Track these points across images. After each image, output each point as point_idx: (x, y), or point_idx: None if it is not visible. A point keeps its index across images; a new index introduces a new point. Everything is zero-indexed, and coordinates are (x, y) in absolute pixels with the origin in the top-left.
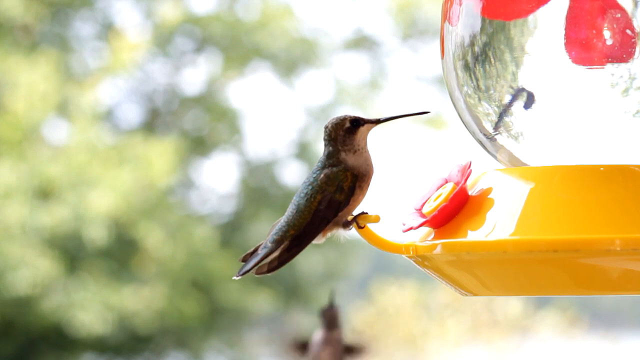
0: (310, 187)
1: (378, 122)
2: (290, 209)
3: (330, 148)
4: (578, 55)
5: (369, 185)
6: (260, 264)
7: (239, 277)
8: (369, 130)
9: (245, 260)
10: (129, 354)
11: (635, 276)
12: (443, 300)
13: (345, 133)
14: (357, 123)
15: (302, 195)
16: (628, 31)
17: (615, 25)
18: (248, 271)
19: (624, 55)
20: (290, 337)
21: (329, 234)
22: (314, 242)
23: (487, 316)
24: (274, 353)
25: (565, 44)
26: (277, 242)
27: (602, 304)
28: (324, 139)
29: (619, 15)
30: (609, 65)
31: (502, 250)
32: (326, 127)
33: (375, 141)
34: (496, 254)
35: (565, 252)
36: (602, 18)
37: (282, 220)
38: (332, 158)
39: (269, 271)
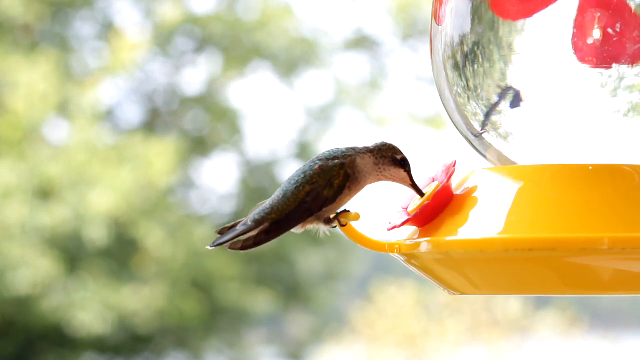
0: (302, 176)
1: (416, 189)
2: (277, 193)
3: (367, 149)
4: (581, 53)
5: (357, 191)
6: (235, 240)
7: (212, 248)
8: (399, 179)
9: (222, 233)
10: (128, 354)
11: (624, 276)
12: (443, 300)
13: (389, 157)
14: (404, 164)
15: (292, 182)
16: (610, 30)
17: (604, 25)
18: (222, 244)
19: (615, 56)
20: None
21: (309, 226)
22: (293, 231)
23: (486, 316)
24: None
25: (559, 43)
26: (257, 222)
27: (602, 304)
28: (373, 144)
29: (612, 15)
30: (598, 65)
31: (479, 249)
32: (385, 142)
33: (374, 140)
34: (474, 252)
35: (540, 250)
36: (602, 18)
37: (267, 203)
38: (350, 156)
39: (242, 249)
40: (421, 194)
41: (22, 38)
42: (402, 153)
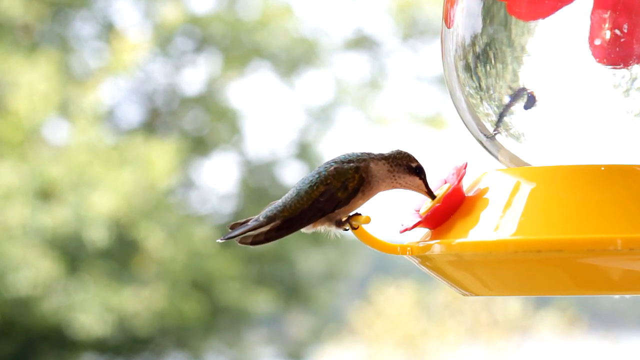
0: (316, 176)
1: (430, 194)
2: (290, 192)
3: (382, 156)
4: (599, 53)
5: (370, 196)
6: (245, 234)
7: (222, 241)
8: (414, 187)
9: (234, 228)
10: (128, 355)
11: (634, 276)
12: (442, 301)
13: (404, 165)
14: (419, 172)
15: (306, 182)
16: (623, 31)
17: (618, 26)
18: (233, 237)
19: (628, 56)
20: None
21: (319, 227)
22: (303, 230)
23: (486, 316)
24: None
25: (572, 44)
26: (269, 219)
27: (602, 304)
28: (389, 151)
29: (626, 15)
30: (611, 66)
31: (490, 251)
32: (401, 150)
33: (375, 141)
34: (485, 254)
35: (549, 252)
36: (607, 19)
37: (279, 201)
38: (364, 161)
39: (252, 243)
40: (430, 194)
41: (22, 38)
42: (417, 161)
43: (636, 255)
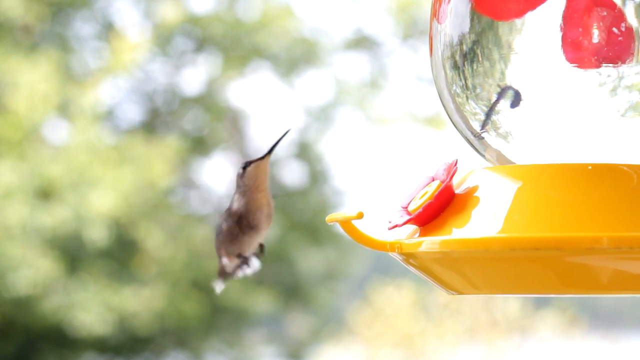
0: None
1: (262, 158)
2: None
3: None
4: (571, 54)
5: (257, 222)
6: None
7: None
8: (256, 168)
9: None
10: (128, 354)
11: (623, 276)
12: (442, 301)
13: (239, 179)
14: (245, 166)
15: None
16: (614, 29)
17: (604, 25)
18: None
19: (614, 56)
20: None
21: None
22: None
23: (486, 316)
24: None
25: (558, 43)
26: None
27: (601, 304)
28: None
29: (611, 14)
30: (598, 65)
31: (484, 248)
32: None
33: (375, 140)
34: (478, 251)
35: (547, 250)
36: (593, 17)
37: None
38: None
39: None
40: (262, 158)
41: (22, 38)
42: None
43: (626, 254)
